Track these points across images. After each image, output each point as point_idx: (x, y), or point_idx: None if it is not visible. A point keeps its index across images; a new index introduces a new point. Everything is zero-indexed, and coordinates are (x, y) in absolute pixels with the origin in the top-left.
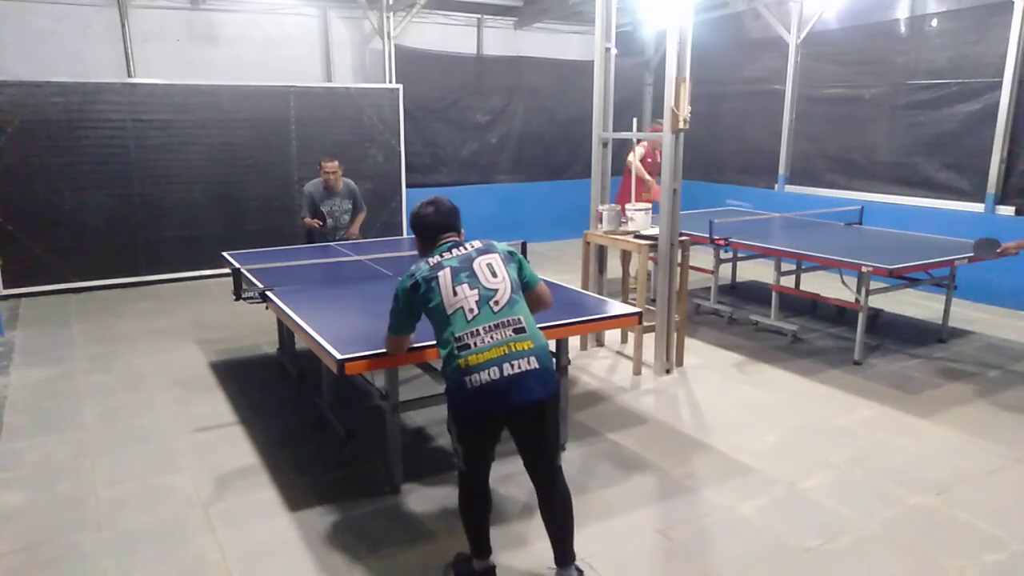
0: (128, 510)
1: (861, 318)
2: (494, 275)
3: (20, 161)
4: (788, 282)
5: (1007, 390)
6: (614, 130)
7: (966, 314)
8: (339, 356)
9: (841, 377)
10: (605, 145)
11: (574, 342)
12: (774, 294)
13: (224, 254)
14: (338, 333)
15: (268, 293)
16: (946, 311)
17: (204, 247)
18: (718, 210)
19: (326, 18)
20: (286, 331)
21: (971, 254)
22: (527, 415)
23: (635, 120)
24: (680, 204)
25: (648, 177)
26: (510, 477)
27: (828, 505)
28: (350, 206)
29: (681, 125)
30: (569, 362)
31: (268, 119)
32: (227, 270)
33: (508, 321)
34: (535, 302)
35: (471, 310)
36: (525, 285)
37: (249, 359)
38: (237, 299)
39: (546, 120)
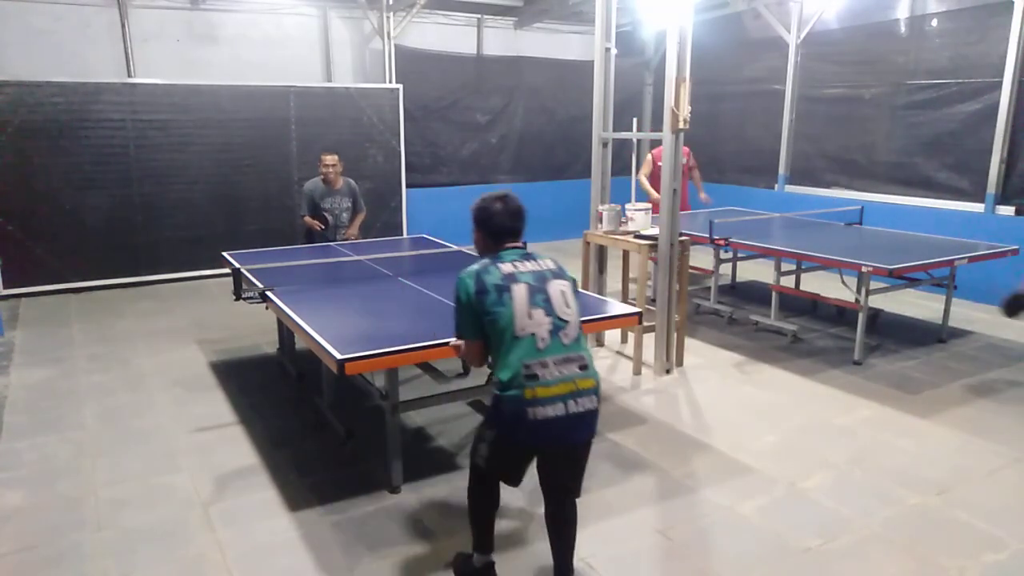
0: (128, 510)
1: (861, 318)
2: (567, 306)
3: (20, 161)
4: (788, 282)
5: (1007, 390)
6: (614, 130)
7: (966, 314)
8: (339, 356)
9: (841, 377)
10: (605, 145)
11: None
12: (774, 294)
13: (224, 254)
14: (338, 333)
15: (268, 293)
16: (946, 311)
17: (204, 247)
18: (718, 210)
19: (326, 18)
20: (286, 331)
21: (972, 254)
22: (575, 451)
23: (635, 120)
24: (680, 204)
25: (655, 195)
26: None
27: (828, 505)
28: (350, 204)
29: (681, 125)
30: None
31: (268, 119)
32: (227, 270)
33: (576, 357)
34: None
35: (543, 339)
36: None
37: (249, 359)
38: (237, 299)
39: (546, 120)
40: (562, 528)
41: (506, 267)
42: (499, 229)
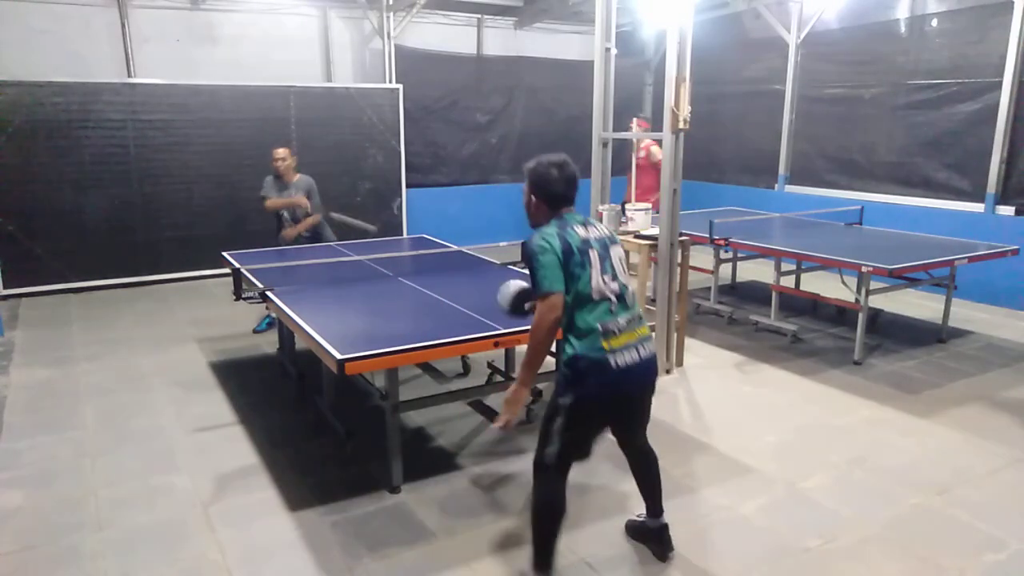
0: (128, 510)
1: (861, 318)
2: (624, 271)
3: (20, 161)
4: (788, 282)
5: (1007, 390)
6: (614, 130)
7: (966, 314)
8: (339, 356)
9: (841, 377)
10: (605, 145)
11: None
12: (774, 294)
13: (224, 254)
14: (338, 333)
15: (268, 293)
16: (946, 311)
17: (204, 247)
18: (718, 210)
19: (326, 18)
20: (286, 331)
21: (972, 254)
22: (647, 395)
23: (635, 120)
24: (680, 204)
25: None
26: (510, 477)
27: (828, 505)
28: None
29: (681, 125)
30: None
31: (268, 119)
32: (227, 270)
33: (637, 315)
34: None
35: (612, 303)
36: None
37: (249, 359)
38: (237, 299)
39: (546, 120)
40: (648, 469)
41: (581, 231)
42: (560, 200)
